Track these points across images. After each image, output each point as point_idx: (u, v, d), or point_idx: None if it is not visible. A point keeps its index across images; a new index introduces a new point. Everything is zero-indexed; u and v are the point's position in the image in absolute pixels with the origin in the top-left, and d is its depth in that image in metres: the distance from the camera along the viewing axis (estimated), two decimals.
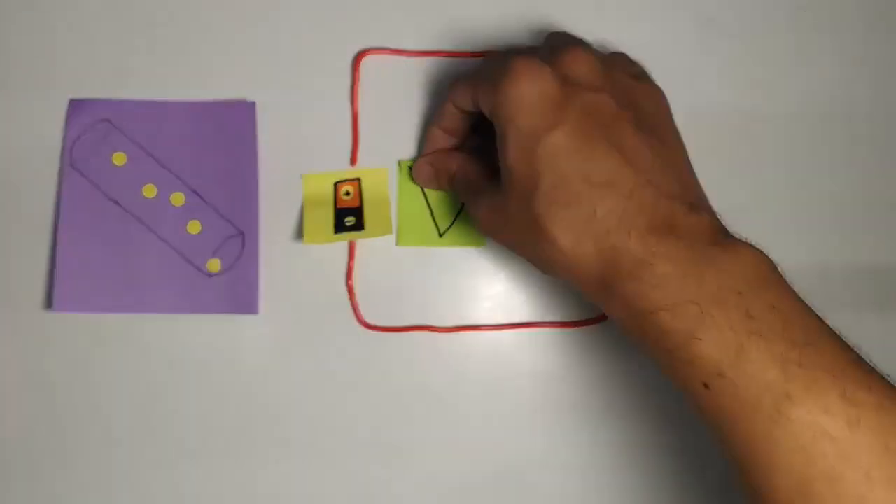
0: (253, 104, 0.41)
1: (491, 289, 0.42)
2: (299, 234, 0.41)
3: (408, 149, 0.42)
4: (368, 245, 0.42)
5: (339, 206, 0.42)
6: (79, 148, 0.41)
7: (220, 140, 0.41)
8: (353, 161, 0.42)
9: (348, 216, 0.41)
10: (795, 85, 0.44)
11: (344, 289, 0.42)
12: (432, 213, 0.42)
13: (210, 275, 0.41)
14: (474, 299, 0.42)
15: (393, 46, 0.42)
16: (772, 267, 0.31)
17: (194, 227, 0.41)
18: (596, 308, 0.42)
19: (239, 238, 0.41)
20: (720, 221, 0.33)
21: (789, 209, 0.44)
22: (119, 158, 0.41)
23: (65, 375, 0.41)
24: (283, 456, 0.41)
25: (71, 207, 0.40)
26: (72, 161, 0.41)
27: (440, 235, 0.42)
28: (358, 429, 0.41)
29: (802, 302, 0.31)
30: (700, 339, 0.29)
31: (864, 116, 0.44)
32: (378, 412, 0.42)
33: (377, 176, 0.42)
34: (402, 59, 0.42)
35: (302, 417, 0.41)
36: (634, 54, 0.43)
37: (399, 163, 0.42)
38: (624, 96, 0.34)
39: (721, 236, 0.32)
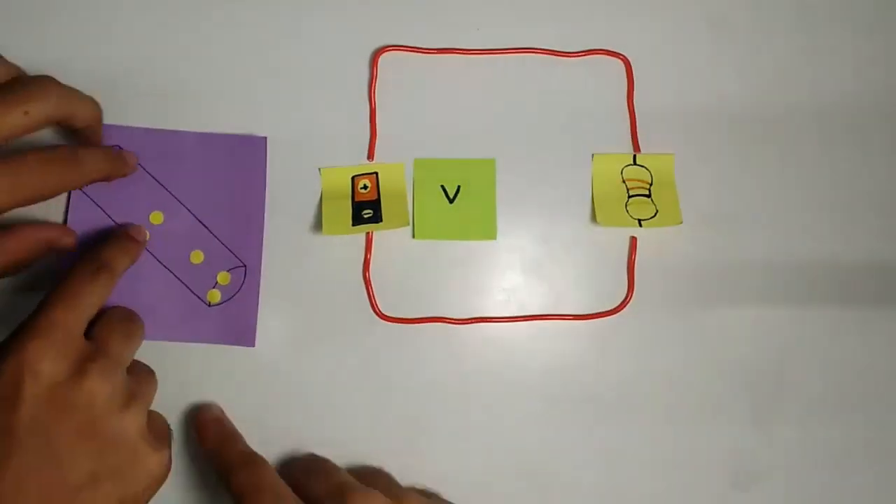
0: (264, 139, 0.42)
1: (506, 281, 0.43)
2: (317, 226, 0.42)
3: (424, 144, 0.43)
4: (385, 238, 0.42)
5: (356, 200, 0.42)
6: None
7: (229, 172, 0.42)
8: (370, 156, 0.43)
9: (366, 209, 0.42)
10: (806, 83, 0.45)
11: (361, 280, 0.42)
12: (449, 208, 0.43)
13: (210, 305, 0.41)
14: (489, 292, 0.43)
15: (411, 44, 0.43)
16: None
17: (197, 256, 0.41)
18: (611, 301, 0.43)
19: (241, 270, 0.41)
20: None
21: (800, 206, 0.44)
22: (120, 203, 0.41)
23: None
24: (297, 446, 0.41)
25: (78, 233, 0.40)
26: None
27: (456, 229, 0.42)
28: (372, 419, 0.42)
29: None
30: None
31: (875, 114, 0.45)
32: (393, 403, 0.42)
33: (394, 170, 0.43)
34: (420, 55, 0.43)
35: (317, 407, 0.42)
36: (647, 53, 0.44)
37: (415, 162, 0.43)
38: None
39: None
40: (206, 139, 0.42)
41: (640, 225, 0.43)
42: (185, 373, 0.41)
